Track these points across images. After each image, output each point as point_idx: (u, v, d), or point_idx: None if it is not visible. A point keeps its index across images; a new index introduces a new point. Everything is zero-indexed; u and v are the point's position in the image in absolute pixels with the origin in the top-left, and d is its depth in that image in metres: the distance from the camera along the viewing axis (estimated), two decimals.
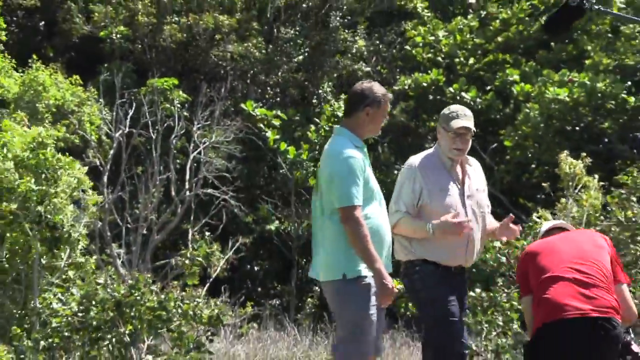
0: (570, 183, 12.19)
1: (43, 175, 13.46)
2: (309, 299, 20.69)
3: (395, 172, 21.74)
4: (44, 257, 13.57)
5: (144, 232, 19.67)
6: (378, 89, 6.72)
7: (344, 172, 6.47)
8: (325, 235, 6.58)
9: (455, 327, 6.80)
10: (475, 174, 7.18)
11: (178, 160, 20.96)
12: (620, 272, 5.98)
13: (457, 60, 22.28)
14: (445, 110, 7.09)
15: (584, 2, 8.21)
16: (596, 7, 9.45)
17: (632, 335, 6.04)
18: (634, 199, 13.19)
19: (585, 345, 5.63)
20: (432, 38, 22.64)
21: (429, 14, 23.45)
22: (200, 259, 17.86)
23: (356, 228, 6.32)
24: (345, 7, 24.25)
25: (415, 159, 7.06)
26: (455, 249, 6.83)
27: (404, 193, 6.86)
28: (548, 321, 5.71)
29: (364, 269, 6.35)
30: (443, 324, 6.76)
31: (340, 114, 21.51)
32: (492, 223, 7.22)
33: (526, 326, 6.23)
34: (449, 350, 6.78)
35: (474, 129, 7.03)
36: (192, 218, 20.28)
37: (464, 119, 6.96)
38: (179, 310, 12.20)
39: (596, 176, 13.99)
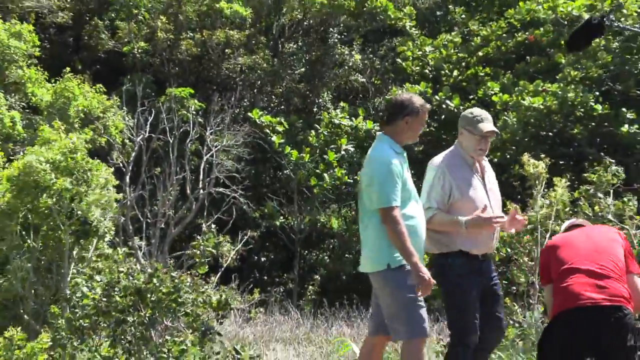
0: (537, 182, 12.13)
1: (74, 176, 13.55)
2: (310, 287, 20.64)
3: None
4: (75, 248, 13.61)
5: (162, 226, 19.75)
6: (417, 100, 6.68)
7: (383, 176, 6.43)
8: (367, 232, 6.57)
9: (473, 318, 6.74)
10: (489, 169, 7.14)
11: (193, 162, 21.02)
12: (632, 263, 5.99)
13: (442, 72, 22.29)
14: (468, 114, 7.01)
15: (604, 20, 8.10)
16: (615, 24, 9.17)
17: None
18: (600, 194, 13.25)
19: (597, 331, 5.66)
20: (420, 53, 22.61)
21: (417, 32, 23.47)
22: (210, 249, 17.92)
23: (395, 226, 6.30)
24: (342, 25, 24.33)
25: (439, 159, 6.97)
26: (483, 238, 6.79)
27: (435, 192, 6.79)
28: (564, 309, 5.75)
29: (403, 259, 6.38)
30: (465, 313, 6.73)
31: (337, 121, 21.60)
32: None
33: (547, 312, 6.33)
34: (464, 339, 6.73)
35: (497, 131, 7.02)
36: (205, 214, 20.32)
37: (488, 122, 6.92)
38: (191, 296, 12.30)
39: (567, 176, 14.09)
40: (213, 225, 19.68)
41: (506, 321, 10.25)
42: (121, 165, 19.10)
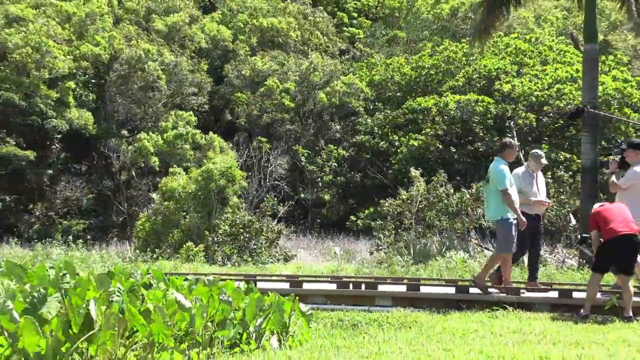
0: (415, 180, 11.82)
1: (226, 177, 14.01)
2: (315, 225, 20.78)
3: (350, 177, 21.83)
4: (219, 207, 14.03)
5: (251, 198, 19.86)
6: (512, 142, 6.35)
7: (502, 175, 6.12)
8: (493, 201, 6.19)
9: (519, 238, 6.21)
10: (541, 178, 6.68)
11: (264, 170, 21.03)
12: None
13: (375, 131, 22.11)
14: (534, 152, 6.64)
15: (585, 108, 7.71)
16: (592, 110, 8.15)
17: None
18: (442, 189, 12.05)
19: (628, 246, 5.45)
20: (365, 123, 22.45)
21: (365, 113, 23.39)
22: (271, 206, 18.13)
23: (509, 199, 6.05)
24: (328, 111, 24.37)
25: (518, 170, 6.58)
26: (535, 207, 6.47)
27: (514, 184, 6.32)
28: (612, 236, 5.44)
29: (510, 215, 6.10)
30: (521, 239, 6.32)
31: (339, 153, 21.68)
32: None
33: (592, 243, 5.74)
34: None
35: (546, 162, 6.58)
36: (269, 193, 20.67)
37: (543, 158, 6.53)
38: (267, 229, 12.85)
39: (425, 177, 13.51)
40: (274, 197, 20.10)
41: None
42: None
